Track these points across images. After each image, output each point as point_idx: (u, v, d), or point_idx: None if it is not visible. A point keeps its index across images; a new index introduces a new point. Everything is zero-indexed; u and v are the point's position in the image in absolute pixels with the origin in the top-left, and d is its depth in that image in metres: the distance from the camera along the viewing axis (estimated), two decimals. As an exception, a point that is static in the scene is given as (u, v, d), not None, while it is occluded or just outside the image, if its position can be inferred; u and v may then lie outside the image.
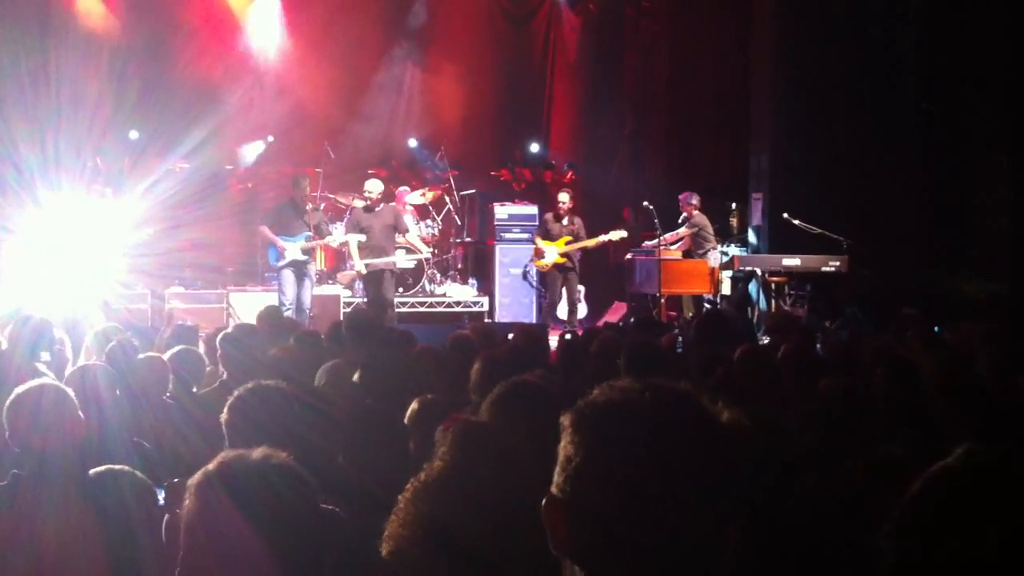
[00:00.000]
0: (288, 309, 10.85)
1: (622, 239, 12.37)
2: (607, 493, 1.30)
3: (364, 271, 11.48)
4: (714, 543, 1.31)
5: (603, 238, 12.25)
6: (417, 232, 13.13)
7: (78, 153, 12.84)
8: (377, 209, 11.55)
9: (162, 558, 3.00)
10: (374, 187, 11.69)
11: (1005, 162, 11.65)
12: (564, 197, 12.45)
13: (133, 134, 14.11)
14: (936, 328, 8.27)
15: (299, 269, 11.36)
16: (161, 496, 3.09)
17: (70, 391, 3.47)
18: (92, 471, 3.12)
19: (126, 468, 3.08)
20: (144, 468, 3.71)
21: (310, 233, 11.39)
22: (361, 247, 11.54)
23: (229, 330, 5.17)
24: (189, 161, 14.22)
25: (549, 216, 12.53)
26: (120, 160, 14.00)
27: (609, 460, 1.31)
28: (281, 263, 11.30)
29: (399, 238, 11.92)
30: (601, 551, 1.31)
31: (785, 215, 12.00)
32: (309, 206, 11.60)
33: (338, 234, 13.10)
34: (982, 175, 11.99)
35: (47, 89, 12.84)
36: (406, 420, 3.43)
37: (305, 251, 11.38)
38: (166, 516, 3.19)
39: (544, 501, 1.36)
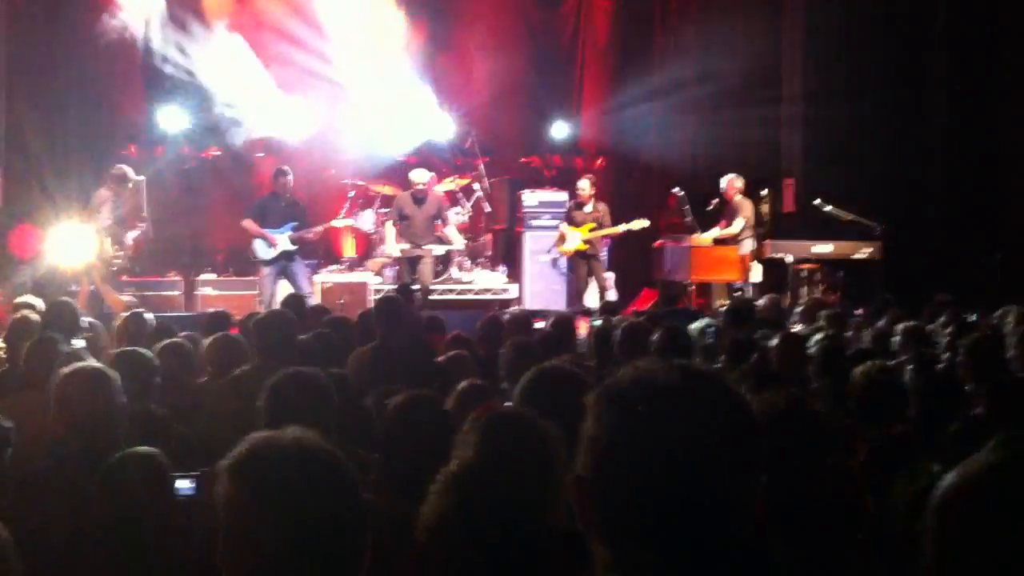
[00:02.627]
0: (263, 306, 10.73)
1: (644, 228, 12.23)
2: (632, 470, 1.30)
3: (397, 254, 11.55)
4: (739, 519, 1.31)
5: (624, 227, 12.15)
6: (454, 223, 13.17)
7: (89, 141, 12.91)
8: (423, 198, 11.66)
9: (173, 543, 3.00)
10: (421, 176, 11.78)
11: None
12: (584, 184, 12.37)
13: (164, 120, 14.15)
14: (972, 314, 8.20)
15: (289, 259, 11.35)
16: (192, 483, 3.10)
17: (115, 374, 3.50)
18: (117, 455, 3.14)
19: (147, 451, 3.08)
20: (181, 452, 3.75)
21: (296, 223, 11.39)
22: (401, 234, 11.63)
23: (261, 315, 5.20)
24: (221, 147, 14.32)
25: (572, 203, 12.51)
26: (152, 146, 14.10)
27: (634, 437, 1.31)
28: (272, 255, 11.29)
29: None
30: (627, 529, 1.32)
31: (817, 201, 11.89)
32: (289, 197, 11.62)
33: (366, 220, 13.17)
34: (1015, 157, 11.83)
35: (57, 78, 12.92)
36: (449, 406, 3.42)
37: (294, 241, 11.36)
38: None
39: (570, 480, 1.37)
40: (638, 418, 1.32)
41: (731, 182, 12.05)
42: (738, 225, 11.90)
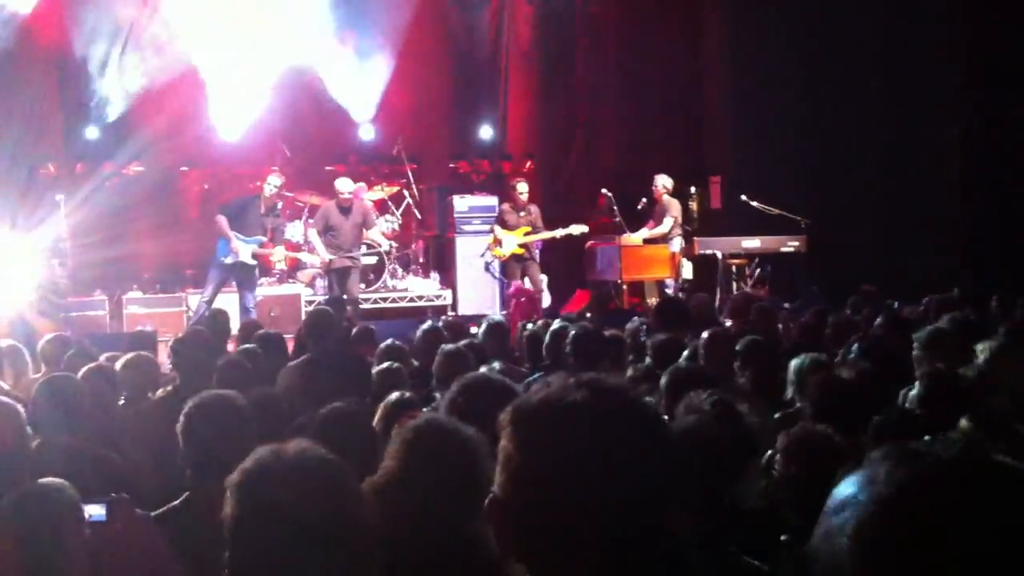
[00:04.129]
0: (204, 308, 10.49)
1: (583, 233, 12.28)
2: (548, 491, 1.30)
3: (328, 258, 11.41)
4: (657, 532, 1.31)
5: (562, 232, 12.18)
6: (380, 228, 13.05)
7: (12, 157, 12.58)
8: (349, 207, 11.55)
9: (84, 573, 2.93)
10: (346, 186, 11.65)
11: (954, 136, 11.76)
12: (522, 187, 12.38)
13: (91, 133, 13.87)
14: (894, 304, 8.36)
15: (245, 272, 11.10)
16: (102, 509, 3.02)
17: (19, 406, 3.41)
18: (19, 488, 3.04)
19: (56, 483, 3.01)
20: (108, 478, 3.65)
21: (264, 239, 11.17)
22: (328, 244, 11.51)
23: (181, 335, 5.10)
24: (143, 163, 14.07)
25: (507, 206, 12.47)
26: (72, 164, 13.81)
27: (547, 458, 1.31)
28: (228, 261, 10.98)
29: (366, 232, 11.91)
30: (545, 549, 1.31)
31: (743, 197, 12.04)
32: (270, 207, 11.38)
33: (296, 233, 13.03)
34: (932, 150, 12.10)
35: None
36: (375, 422, 3.37)
37: (256, 256, 11.12)
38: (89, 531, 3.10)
39: (487, 501, 1.36)
40: (549, 437, 1.32)
41: (660, 182, 12.16)
42: (667, 224, 12.00)
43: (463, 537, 2.12)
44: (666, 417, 2.47)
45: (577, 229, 12.15)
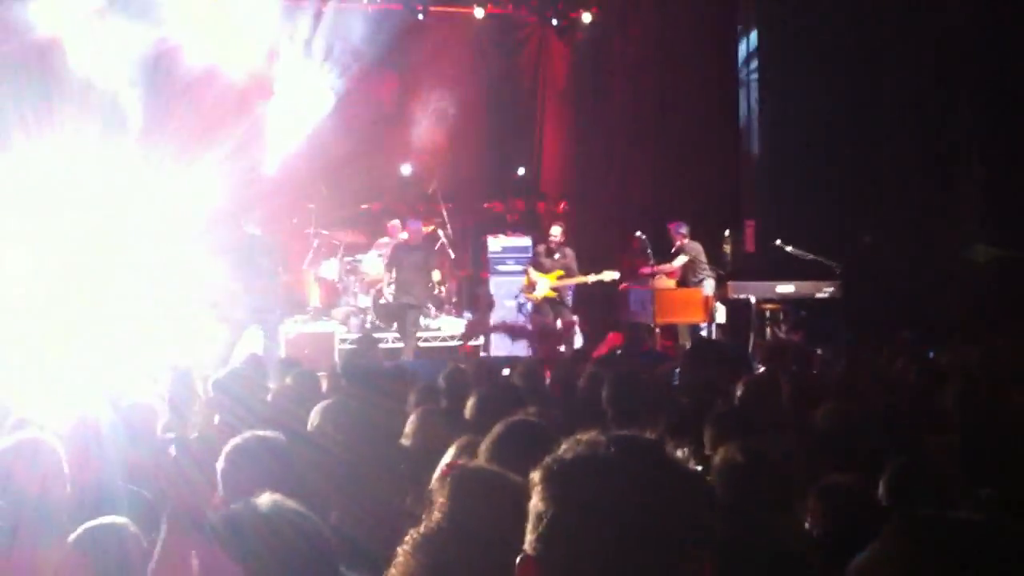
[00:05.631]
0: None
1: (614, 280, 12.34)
2: (579, 548, 1.31)
3: (392, 294, 11.73)
4: None
5: (594, 278, 12.23)
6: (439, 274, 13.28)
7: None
8: (414, 247, 11.87)
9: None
10: (409, 226, 12.09)
11: (979, 174, 11.71)
12: (556, 231, 12.46)
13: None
14: (930, 352, 8.29)
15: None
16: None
17: (58, 444, 3.47)
18: (88, 524, 3.10)
19: (121, 520, 3.06)
20: (142, 516, 3.69)
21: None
22: (394, 281, 11.88)
23: (221, 374, 5.15)
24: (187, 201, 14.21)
25: (541, 248, 12.54)
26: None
27: (579, 516, 1.32)
28: None
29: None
30: None
31: (778, 242, 12.01)
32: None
33: (331, 271, 13.17)
34: (968, 195, 12.04)
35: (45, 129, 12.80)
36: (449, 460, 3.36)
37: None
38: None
39: (518, 559, 1.37)
40: (581, 495, 1.33)
41: (675, 228, 12.34)
42: (678, 262, 12.15)
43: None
44: (700, 467, 2.48)
45: (609, 276, 12.20)
